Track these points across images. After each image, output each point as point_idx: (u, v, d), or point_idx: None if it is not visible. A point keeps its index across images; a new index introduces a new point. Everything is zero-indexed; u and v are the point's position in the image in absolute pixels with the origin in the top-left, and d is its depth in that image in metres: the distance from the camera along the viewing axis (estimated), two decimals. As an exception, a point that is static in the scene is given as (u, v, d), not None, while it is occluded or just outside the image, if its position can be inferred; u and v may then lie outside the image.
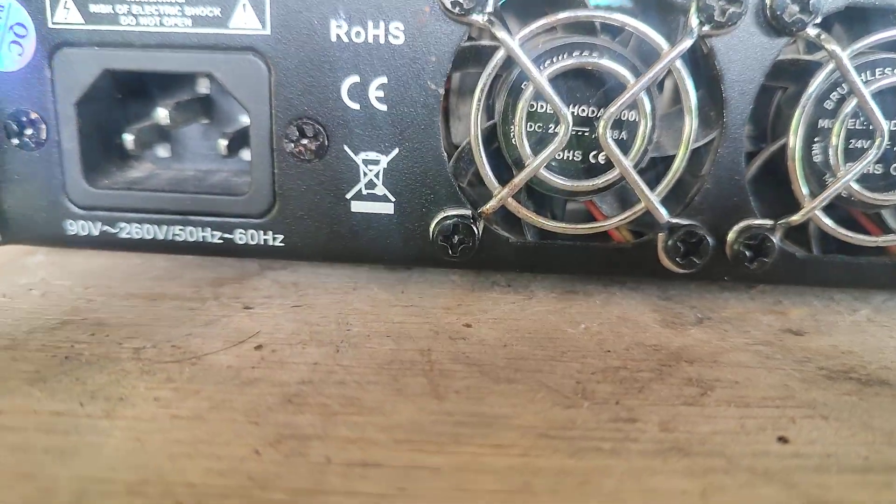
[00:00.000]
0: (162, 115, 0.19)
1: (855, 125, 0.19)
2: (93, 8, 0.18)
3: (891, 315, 0.21)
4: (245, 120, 0.20)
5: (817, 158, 0.19)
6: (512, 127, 0.18)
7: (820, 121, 0.19)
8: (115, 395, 0.15)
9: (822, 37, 0.18)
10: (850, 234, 0.19)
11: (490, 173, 0.18)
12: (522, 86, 0.18)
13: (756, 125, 0.20)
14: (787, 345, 0.18)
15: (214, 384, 0.15)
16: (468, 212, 0.19)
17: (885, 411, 0.15)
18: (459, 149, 0.19)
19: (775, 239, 0.19)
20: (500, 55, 0.17)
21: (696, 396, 0.15)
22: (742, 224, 0.19)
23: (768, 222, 0.19)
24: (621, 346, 0.18)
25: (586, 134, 0.18)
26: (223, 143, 0.20)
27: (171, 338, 0.17)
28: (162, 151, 0.22)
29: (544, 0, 0.18)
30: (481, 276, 0.22)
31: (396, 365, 0.16)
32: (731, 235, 0.19)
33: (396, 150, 0.19)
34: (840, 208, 0.20)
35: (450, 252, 0.19)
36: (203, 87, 0.21)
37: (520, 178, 0.18)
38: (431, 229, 0.19)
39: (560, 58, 0.18)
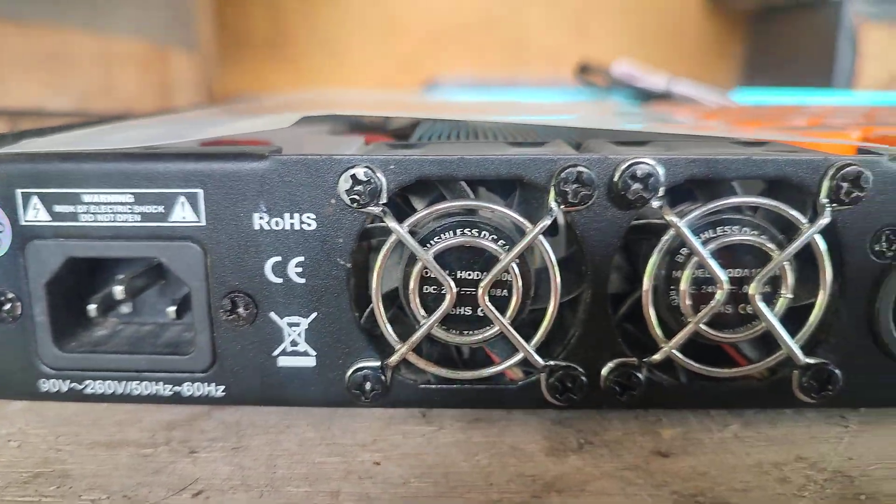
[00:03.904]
0: (118, 290, 0.23)
1: (704, 273, 0.22)
2: (57, 208, 0.22)
3: (757, 429, 0.23)
4: (191, 285, 0.24)
5: (675, 303, 0.22)
6: (409, 292, 0.22)
7: (674, 271, 0.22)
8: (70, 552, 0.18)
9: (664, 209, 0.21)
10: (704, 368, 0.22)
11: (391, 332, 0.22)
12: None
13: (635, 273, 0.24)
14: (652, 468, 0.21)
15: (153, 537, 0.18)
16: (377, 363, 0.22)
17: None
18: (369, 308, 0.22)
19: (641, 375, 0.22)
20: (392, 239, 0.21)
21: (552, 531, 0.18)
22: (613, 363, 0.22)
23: (634, 360, 0.22)
24: (504, 479, 0.21)
25: (473, 293, 0.22)
26: (171, 309, 0.23)
27: (124, 488, 0.21)
28: (125, 308, 0.25)
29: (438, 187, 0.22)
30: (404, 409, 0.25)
31: (309, 509, 0.19)
32: (604, 372, 0.22)
33: (315, 314, 0.22)
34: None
35: (362, 398, 0.22)
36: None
37: (416, 337, 0.21)
38: (346, 378, 0.22)
39: (446, 236, 0.21)
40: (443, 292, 0.22)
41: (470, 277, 0.22)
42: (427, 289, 0.22)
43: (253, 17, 1.09)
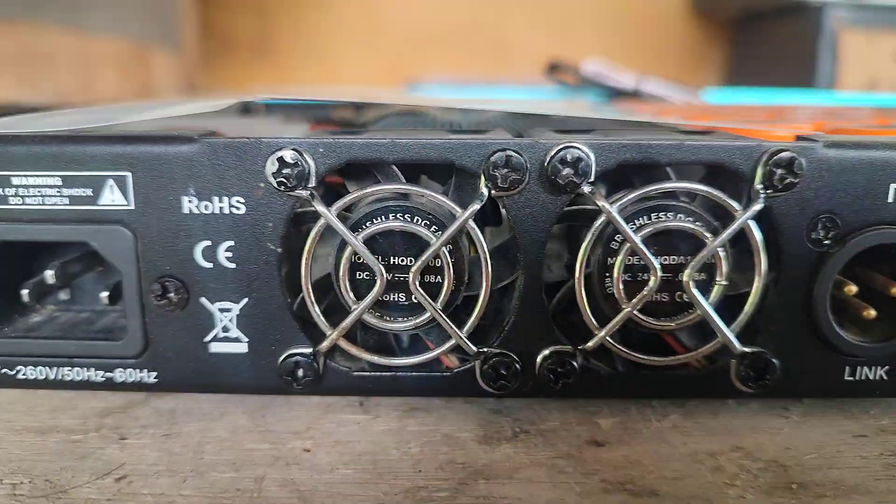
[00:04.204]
0: (49, 275, 0.22)
1: (639, 261, 0.22)
2: (-14, 191, 0.22)
3: (697, 419, 0.23)
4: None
5: (610, 291, 0.22)
6: (339, 277, 0.21)
7: (608, 258, 0.22)
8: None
9: (595, 194, 0.21)
10: (638, 355, 0.22)
11: (321, 319, 0.21)
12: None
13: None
14: (585, 457, 0.21)
15: (67, 521, 0.18)
16: (309, 350, 0.22)
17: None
18: (301, 294, 0.22)
19: (576, 363, 0.22)
20: (321, 223, 0.21)
21: (472, 516, 0.18)
22: (547, 350, 0.22)
23: (569, 348, 0.22)
24: (433, 466, 0.20)
25: (406, 278, 0.22)
26: (104, 294, 0.23)
27: (47, 472, 0.20)
28: (63, 295, 0.25)
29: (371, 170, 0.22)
30: (342, 397, 0.25)
31: (229, 493, 0.19)
32: (538, 360, 0.22)
33: (246, 300, 0.22)
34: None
35: (294, 385, 0.22)
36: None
37: (345, 323, 0.21)
38: (279, 365, 0.22)
39: (377, 221, 0.21)
40: (375, 278, 0.21)
41: (403, 263, 0.21)
42: (360, 275, 0.22)
43: (239, 18, 1.09)
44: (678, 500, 0.19)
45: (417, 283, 0.21)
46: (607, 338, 0.22)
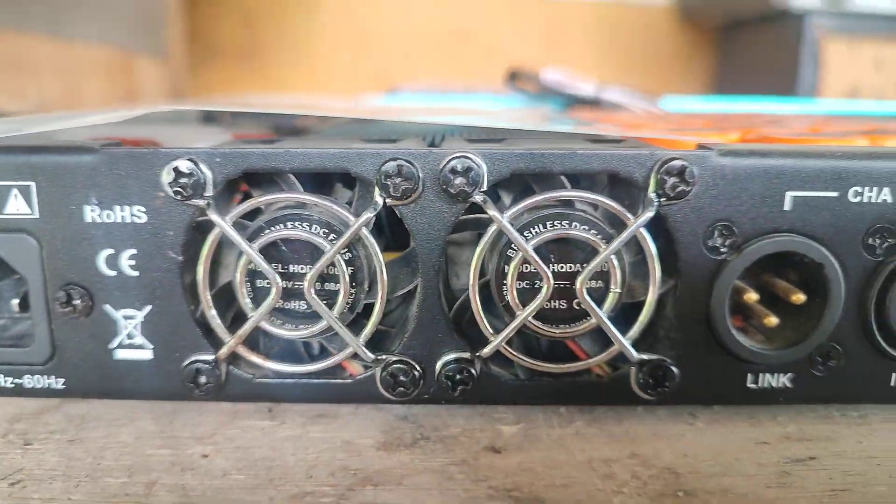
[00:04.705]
0: (-43, 282, 0.23)
1: (534, 269, 0.22)
2: None
3: (602, 426, 0.23)
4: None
5: (507, 298, 0.22)
6: (237, 285, 0.22)
7: (504, 266, 0.22)
8: None
9: (486, 203, 0.21)
10: (534, 362, 0.22)
11: (220, 325, 0.22)
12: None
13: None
14: (480, 463, 0.21)
15: (-49, 524, 0.18)
16: (212, 357, 0.22)
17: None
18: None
19: (474, 370, 0.22)
20: (216, 231, 0.21)
21: (349, 522, 0.18)
22: (447, 357, 0.22)
23: (468, 355, 0.22)
24: (326, 472, 0.21)
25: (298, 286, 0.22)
26: (15, 302, 0.23)
27: (-55, 477, 0.21)
28: (-16, 303, 0.26)
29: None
30: (250, 403, 0.25)
31: (118, 498, 0.19)
32: (437, 366, 0.22)
33: (149, 307, 0.22)
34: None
35: (196, 392, 0.22)
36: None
37: (243, 331, 0.22)
38: (182, 371, 0.22)
39: (275, 229, 0.21)
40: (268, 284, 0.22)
41: (302, 272, 0.22)
42: (261, 283, 0.22)
43: (225, 25, 1.10)
44: (560, 507, 0.19)
45: (313, 291, 0.21)
46: (503, 345, 0.22)
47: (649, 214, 0.21)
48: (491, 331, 0.22)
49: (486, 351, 0.22)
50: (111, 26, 0.89)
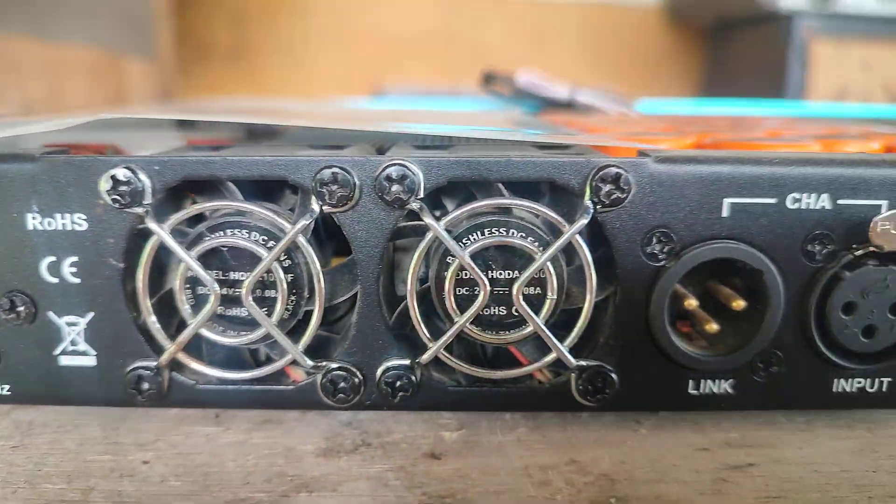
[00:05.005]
0: None
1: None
2: None
3: (544, 432, 0.23)
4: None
5: (446, 305, 0.22)
6: (176, 292, 0.22)
7: (443, 273, 0.22)
8: None
9: (422, 210, 0.21)
10: (473, 369, 0.22)
11: (161, 332, 0.22)
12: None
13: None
14: (417, 470, 0.21)
15: None
16: (154, 363, 0.22)
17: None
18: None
19: (414, 376, 0.22)
20: (154, 239, 0.21)
21: (276, 529, 0.18)
22: (387, 364, 0.22)
23: (408, 361, 0.22)
24: (263, 478, 0.21)
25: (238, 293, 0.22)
26: (-39, 309, 0.24)
27: None
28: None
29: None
30: (199, 409, 0.25)
31: (53, 505, 0.20)
32: (378, 373, 0.23)
33: (92, 314, 0.22)
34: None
35: (139, 398, 0.22)
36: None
37: (182, 338, 0.22)
38: (125, 378, 0.23)
39: (213, 236, 0.22)
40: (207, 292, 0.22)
41: (242, 279, 0.22)
42: (201, 289, 0.22)
43: (215, 26, 1.10)
44: (489, 514, 0.19)
45: (251, 298, 0.21)
46: (442, 351, 0.22)
47: (584, 222, 0.21)
48: (429, 337, 0.22)
49: (425, 357, 0.22)
50: (98, 27, 0.89)
